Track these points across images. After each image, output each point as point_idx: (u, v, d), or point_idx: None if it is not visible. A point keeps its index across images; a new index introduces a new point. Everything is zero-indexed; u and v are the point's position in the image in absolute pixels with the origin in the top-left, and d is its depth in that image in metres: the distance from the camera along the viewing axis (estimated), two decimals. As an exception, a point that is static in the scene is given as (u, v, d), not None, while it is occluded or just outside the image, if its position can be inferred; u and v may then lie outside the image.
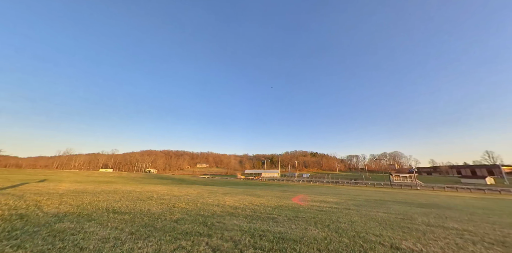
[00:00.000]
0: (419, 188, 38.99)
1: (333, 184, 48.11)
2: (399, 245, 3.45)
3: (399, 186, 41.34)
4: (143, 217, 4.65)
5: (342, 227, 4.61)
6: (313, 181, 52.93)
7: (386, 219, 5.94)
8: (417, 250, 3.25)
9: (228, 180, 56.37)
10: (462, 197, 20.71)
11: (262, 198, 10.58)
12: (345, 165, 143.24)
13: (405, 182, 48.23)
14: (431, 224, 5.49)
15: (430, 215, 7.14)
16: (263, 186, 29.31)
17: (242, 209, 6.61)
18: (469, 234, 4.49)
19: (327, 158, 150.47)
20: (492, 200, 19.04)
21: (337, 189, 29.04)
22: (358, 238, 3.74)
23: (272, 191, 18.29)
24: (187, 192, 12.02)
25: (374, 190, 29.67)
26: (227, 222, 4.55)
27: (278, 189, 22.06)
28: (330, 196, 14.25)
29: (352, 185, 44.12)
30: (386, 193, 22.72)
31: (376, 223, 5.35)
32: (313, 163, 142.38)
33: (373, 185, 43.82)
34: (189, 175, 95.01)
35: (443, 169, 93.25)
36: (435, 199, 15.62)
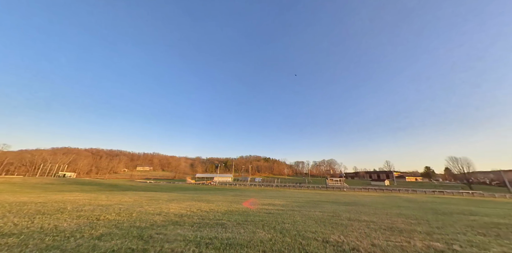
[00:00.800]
0: (345, 189, 47.93)
1: (281, 187, 51.99)
2: (328, 238, 4.07)
3: (332, 188, 49.42)
4: (45, 237, 3.47)
5: (286, 228, 5.00)
6: (264, 185, 55.40)
7: (320, 217, 6.90)
8: (340, 241, 3.93)
9: (175, 185, 50.78)
10: (371, 196, 26.94)
11: (213, 204, 10.11)
12: (293, 170, 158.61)
13: (336, 185, 58.16)
14: (351, 218, 6.81)
15: (351, 212, 8.85)
16: (215, 191, 28.13)
17: (189, 217, 6.07)
18: (373, 224, 5.84)
19: (278, 163, 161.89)
20: (387, 197, 25.69)
21: (284, 192, 31.51)
22: (298, 237, 4.15)
23: (224, 195, 17.82)
24: (119, 200, 9.96)
25: (314, 192, 34.10)
26: (169, 233, 4.04)
27: (230, 194, 21.72)
28: (278, 199, 15.26)
29: (297, 188, 49.13)
30: (322, 194, 26.57)
31: (313, 221, 6.12)
32: (265, 168, 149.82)
33: (313, 188, 50.40)
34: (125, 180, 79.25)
35: (361, 174, 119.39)
36: (355, 198, 19.57)
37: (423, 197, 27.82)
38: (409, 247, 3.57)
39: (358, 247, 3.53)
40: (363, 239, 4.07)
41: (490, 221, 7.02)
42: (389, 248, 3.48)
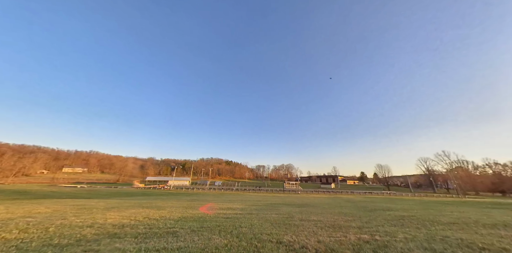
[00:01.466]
0: (300, 192, 52.23)
1: (241, 191, 51.88)
2: (282, 239, 4.31)
3: (289, 191, 52.95)
4: None
5: (243, 231, 5.00)
6: (224, 189, 53.98)
7: (276, 219, 7.24)
8: (292, 240, 4.23)
9: (118, 190, 42.91)
10: (320, 198, 30.34)
11: (164, 210, 9.09)
12: (254, 173, 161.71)
13: (292, 188, 62.66)
14: (303, 219, 7.45)
15: (303, 212, 9.69)
16: (168, 196, 25.38)
17: (132, 227, 5.24)
18: (320, 223, 6.58)
19: (239, 167, 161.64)
20: (332, 198, 29.53)
21: (244, 196, 31.55)
22: (254, 240, 4.22)
23: (178, 200, 16.32)
24: (28, 211, 7.64)
25: (272, 195, 35.57)
26: (103, 248, 3.37)
27: (186, 198, 20.09)
28: (237, 203, 15.13)
29: (256, 192, 50.12)
30: (280, 197, 28.06)
31: (269, 223, 6.36)
32: (227, 171, 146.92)
33: (272, 191, 52.59)
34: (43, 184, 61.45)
35: (314, 178, 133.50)
36: (307, 200, 21.57)
37: (358, 197, 33.37)
38: (346, 241, 4.19)
39: (306, 244, 3.88)
40: (311, 237, 4.51)
41: (398, 214, 9.07)
42: (331, 243, 3.99)
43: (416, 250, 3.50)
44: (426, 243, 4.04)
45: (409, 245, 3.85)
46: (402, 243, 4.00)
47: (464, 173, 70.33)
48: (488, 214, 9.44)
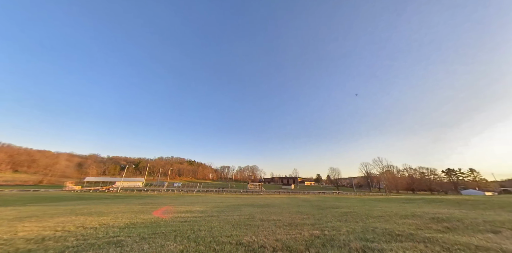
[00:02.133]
0: (262, 193, 53.82)
1: (203, 192, 49.50)
2: (242, 240, 4.32)
3: (252, 192, 53.76)
4: None
5: (201, 235, 4.77)
6: (184, 190, 50.31)
7: (237, 221, 7.23)
8: (252, 241, 4.30)
9: (40, 194, 34.02)
10: (281, 198, 32.05)
11: (107, 217, 7.77)
12: (218, 174, 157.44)
13: (255, 189, 63.98)
14: (263, 219, 7.69)
15: (264, 213, 10.00)
16: (114, 200, 21.82)
17: (58, 239, 4.25)
18: (279, 222, 6.93)
19: (203, 167, 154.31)
20: (291, 198, 31.66)
21: (206, 197, 30.21)
22: (213, 243, 4.08)
23: (127, 204, 14.25)
24: None
25: (235, 196, 35.33)
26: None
27: (137, 202, 17.72)
28: (197, 205, 14.35)
29: (219, 193, 48.80)
30: (242, 198, 28.16)
31: (230, 225, 6.28)
32: (189, 171, 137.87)
33: (235, 192, 52.25)
34: None
35: (276, 179, 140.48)
36: (268, 201, 22.40)
37: (314, 197, 36.92)
38: (300, 237, 4.55)
39: (265, 244, 4.02)
40: (270, 236, 4.70)
41: (343, 211, 10.51)
42: (287, 240, 4.26)
43: (354, 241, 4.12)
44: (362, 234, 4.81)
45: (349, 237, 4.49)
46: (345, 236, 4.64)
47: (390, 175, 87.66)
48: (403, 207, 12.04)
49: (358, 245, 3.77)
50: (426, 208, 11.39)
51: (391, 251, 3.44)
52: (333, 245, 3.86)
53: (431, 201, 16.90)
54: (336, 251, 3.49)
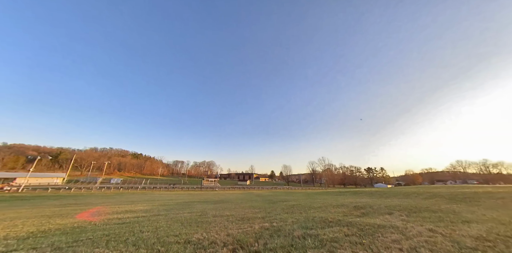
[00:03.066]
0: (217, 189, 53.07)
1: (150, 189, 44.17)
2: (191, 238, 4.13)
3: (206, 189, 52.11)
4: None
5: (143, 237, 4.26)
6: (124, 188, 43.25)
7: (188, 218, 6.85)
8: (202, 238, 4.17)
9: None
10: (236, 193, 32.58)
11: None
12: (170, 169, 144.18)
13: (210, 185, 62.39)
14: (216, 215, 7.60)
15: (217, 209, 9.90)
16: (13, 202, 16.44)
17: None
18: (232, 217, 7.03)
19: (151, 161, 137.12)
20: (246, 193, 32.73)
21: (153, 194, 27.11)
22: (158, 244, 3.72)
23: (35, 207, 11.05)
24: None
25: (187, 193, 33.31)
26: None
27: (51, 204, 14.01)
28: (141, 204, 12.70)
29: (169, 190, 44.79)
30: (196, 195, 26.91)
31: (179, 223, 5.88)
32: (133, 166, 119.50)
33: (188, 189, 49.27)
34: None
35: (233, 175, 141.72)
36: (223, 197, 22.32)
37: (266, 192, 39.43)
38: (251, 230, 4.77)
39: (216, 240, 3.99)
40: (221, 232, 4.70)
41: (291, 204, 11.75)
42: (238, 234, 4.37)
43: (297, 230, 4.68)
44: (304, 223, 5.52)
45: (293, 227, 5.06)
46: (290, 226, 5.19)
47: (330, 172, 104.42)
48: (336, 199, 14.61)
49: (300, 233, 4.30)
50: (352, 198, 14.22)
51: (324, 235, 4.10)
52: (279, 235, 4.24)
53: (355, 193, 21.19)
54: (282, 240, 3.86)
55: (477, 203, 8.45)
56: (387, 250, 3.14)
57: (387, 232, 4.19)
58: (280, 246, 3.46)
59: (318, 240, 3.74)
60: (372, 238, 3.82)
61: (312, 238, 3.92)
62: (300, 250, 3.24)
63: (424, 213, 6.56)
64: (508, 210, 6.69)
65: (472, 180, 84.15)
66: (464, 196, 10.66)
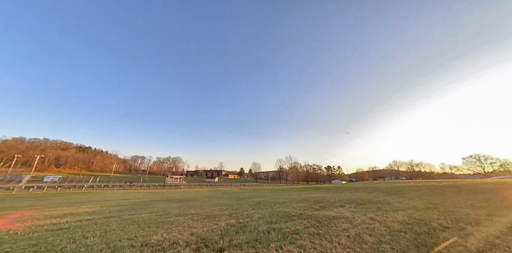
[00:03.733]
0: (183, 187, 50.13)
1: (100, 188, 38.25)
2: (149, 241, 3.78)
3: (170, 186, 48.53)
4: None
5: (87, 243, 3.68)
6: (63, 187, 36.11)
7: (147, 219, 6.25)
8: (162, 239, 3.88)
9: None
10: (202, 191, 31.47)
11: None
12: (127, 166, 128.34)
13: (175, 183, 58.47)
14: (180, 214, 7.18)
15: (182, 207, 9.37)
16: None
17: None
18: (197, 216, 6.77)
19: (103, 156, 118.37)
20: (213, 191, 32.00)
21: (103, 194, 23.58)
22: (106, 250, 3.27)
23: None
24: None
25: (147, 191, 30.33)
26: None
27: None
28: (87, 205, 10.91)
29: (126, 188, 39.83)
30: (157, 193, 24.76)
31: (135, 225, 5.32)
32: (77, 161, 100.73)
33: (148, 187, 44.85)
34: None
35: (200, 172, 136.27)
36: (189, 194, 21.23)
37: (235, 189, 39.48)
38: (217, 228, 4.70)
39: (178, 240, 3.77)
40: (185, 231, 4.47)
41: (258, 200, 12.11)
42: (203, 233, 4.25)
43: (263, 225, 4.86)
44: (269, 218, 5.77)
45: (259, 222, 5.24)
46: (255, 221, 5.35)
47: (295, 170, 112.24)
48: (299, 194, 15.84)
49: (265, 228, 4.48)
50: (313, 194, 15.65)
51: (286, 228, 4.39)
52: (245, 231, 4.32)
53: (316, 189, 23.42)
54: (247, 235, 3.95)
55: (403, 194, 10.53)
56: (337, 237, 3.59)
57: (339, 222, 4.79)
58: (245, 241, 3.52)
59: (281, 233, 3.97)
60: (327, 228, 4.30)
61: (276, 231, 4.14)
62: (264, 243, 3.37)
63: (368, 204, 7.77)
64: (423, 199, 8.57)
65: (402, 176, 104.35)
66: (396, 189, 13.12)
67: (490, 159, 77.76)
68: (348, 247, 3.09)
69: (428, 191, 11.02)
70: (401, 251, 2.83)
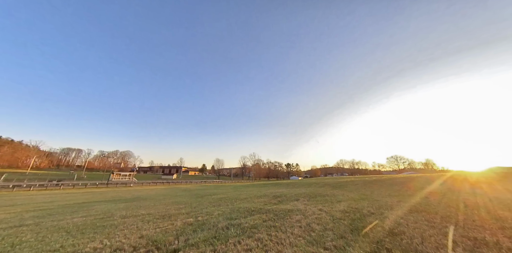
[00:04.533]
0: (132, 184, 44.09)
1: (6, 189, 29.16)
2: (82, 250, 3.18)
3: (115, 184, 41.82)
4: None
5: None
6: None
7: (80, 224, 5.21)
8: (101, 247, 3.32)
9: None
10: (157, 189, 28.54)
11: None
12: (54, 160, 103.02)
13: (122, 180, 50.83)
14: (127, 215, 6.31)
15: (129, 208, 8.24)
16: None
17: None
18: (149, 216, 6.11)
19: (14, 147, 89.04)
20: (170, 188, 29.52)
21: (10, 197, 18.11)
22: (14, 268, 2.54)
23: None
24: None
25: (84, 191, 25.19)
26: None
27: None
28: (-18, 212, 8.17)
29: (50, 188, 31.83)
30: (99, 193, 20.94)
31: (63, 233, 4.35)
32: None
33: (85, 186, 37.28)
34: None
35: (156, 168, 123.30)
36: (140, 193, 18.85)
37: (195, 186, 37.60)
38: (172, 228, 4.37)
39: (123, 245, 3.31)
40: (132, 235, 3.97)
41: (219, 197, 11.95)
42: (155, 234, 3.87)
43: (222, 221, 4.83)
44: (229, 214, 5.78)
45: (219, 219, 5.18)
46: (215, 218, 5.26)
47: (258, 167, 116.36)
48: (260, 190, 16.53)
49: (225, 224, 4.47)
50: (272, 189, 16.62)
51: (246, 223, 4.51)
52: (203, 229, 4.19)
53: (276, 185, 24.96)
54: (206, 233, 3.84)
55: (345, 188, 12.54)
56: (291, 228, 3.94)
57: (294, 215, 5.27)
58: (203, 239, 3.42)
59: (240, 228, 4.05)
60: (283, 220, 4.66)
61: (235, 227, 4.19)
62: (223, 240, 3.36)
63: (318, 197, 8.86)
64: (358, 191, 10.44)
65: (345, 173, 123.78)
66: (340, 184, 15.48)
67: (402, 159, 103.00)
68: (299, 235, 3.44)
69: (362, 184, 13.45)
70: (340, 236, 3.36)
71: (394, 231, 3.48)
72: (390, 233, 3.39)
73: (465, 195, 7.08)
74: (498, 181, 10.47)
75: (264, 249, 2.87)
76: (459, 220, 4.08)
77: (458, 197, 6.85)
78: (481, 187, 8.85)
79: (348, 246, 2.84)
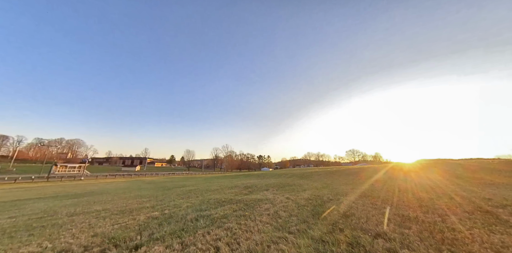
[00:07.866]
0: (83, 178, 38.34)
1: None
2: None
3: (59, 178, 35.59)
4: None
5: None
6: None
7: (8, 227, 4.30)
8: (39, 250, 2.83)
9: None
10: (116, 182, 25.65)
11: None
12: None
13: (69, 173, 43.69)
14: (75, 213, 5.50)
15: (79, 204, 7.21)
16: None
17: None
18: (105, 212, 5.48)
19: None
20: (132, 181, 26.97)
21: None
22: None
23: None
24: None
25: (13, 187, 20.60)
26: None
27: None
28: None
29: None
30: (35, 188, 17.48)
31: (-18, 238, 3.50)
32: None
33: (13, 180, 30.47)
34: None
35: (114, 160, 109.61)
36: (93, 187, 16.59)
37: (162, 178, 35.24)
38: (133, 223, 4.03)
39: (70, 246, 2.89)
40: (83, 233, 3.50)
41: (188, 189, 11.57)
42: (113, 231, 3.51)
43: (191, 213, 4.72)
44: (198, 206, 5.68)
45: (187, 211, 5.03)
46: (184, 211, 5.10)
47: (230, 159, 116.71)
48: (231, 181, 16.73)
49: (193, 216, 4.38)
50: (244, 180, 17.03)
51: (216, 214, 4.52)
52: (170, 222, 4.01)
53: (247, 176, 25.63)
54: (173, 226, 3.68)
55: (310, 178, 13.85)
56: (260, 216, 4.15)
57: (263, 203, 5.55)
58: (169, 233, 3.28)
59: (210, 219, 4.04)
60: (252, 209, 4.85)
61: (204, 218, 4.16)
62: (191, 232, 3.30)
63: (286, 187, 9.53)
64: (321, 181, 11.69)
65: (311, 164, 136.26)
66: (306, 174, 16.99)
67: (358, 152, 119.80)
68: (267, 223, 3.66)
69: (325, 175, 15.07)
70: (303, 220, 3.72)
71: (347, 213, 4.06)
72: (343, 215, 3.93)
73: (400, 182, 8.75)
74: (422, 170, 13.29)
75: (233, 238, 2.95)
76: (394, 202, 5.04)
77: (395, 183, 8.42)
78: (410, 175, 11.06)
79: (309, 229, 3.18)
